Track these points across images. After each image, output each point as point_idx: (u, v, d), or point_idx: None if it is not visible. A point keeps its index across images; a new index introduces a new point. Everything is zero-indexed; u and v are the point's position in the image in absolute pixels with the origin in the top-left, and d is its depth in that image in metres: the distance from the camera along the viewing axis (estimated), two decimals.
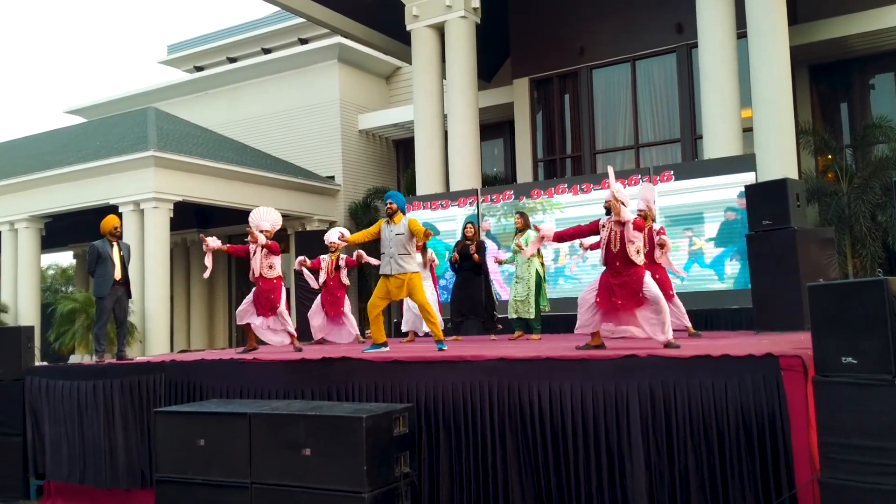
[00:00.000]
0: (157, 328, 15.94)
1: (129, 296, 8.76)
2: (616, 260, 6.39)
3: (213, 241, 8.61)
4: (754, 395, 4.77)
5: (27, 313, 17.67)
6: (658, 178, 10.80)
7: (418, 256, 9.63)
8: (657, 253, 7.83)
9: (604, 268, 6.56)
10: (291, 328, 8.68)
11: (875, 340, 4.13)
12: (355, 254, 10.18)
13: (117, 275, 8.41)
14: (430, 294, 9.96)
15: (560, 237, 7.10)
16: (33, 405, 8.01)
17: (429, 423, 5.90)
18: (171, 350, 17.02)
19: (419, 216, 12.94)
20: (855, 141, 14.58)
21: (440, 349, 7.06)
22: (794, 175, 10.98)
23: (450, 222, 12.72)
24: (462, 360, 5.97)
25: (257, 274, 8.54)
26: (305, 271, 10.22)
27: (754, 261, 8.25)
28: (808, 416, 4.59)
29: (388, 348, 7.39)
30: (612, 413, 5.22)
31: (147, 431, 7.19)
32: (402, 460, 5.61)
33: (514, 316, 9.10)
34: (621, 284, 6.31)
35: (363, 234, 7.92)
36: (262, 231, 8.55)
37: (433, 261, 10.13)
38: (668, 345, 6.02)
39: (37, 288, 18.32)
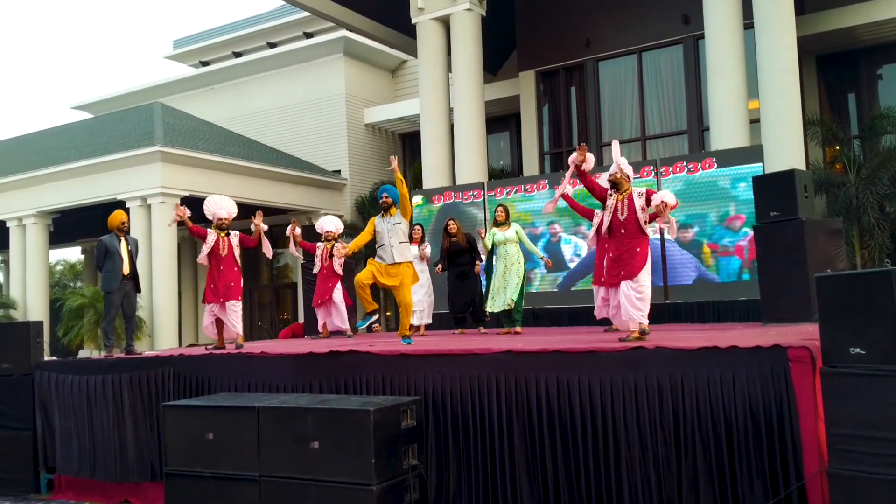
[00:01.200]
0: (165, 322, 16.01)
1: (139, 290, 8.80)
2: (622, 227, 6.39)
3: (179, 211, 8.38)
4: (762, 386, 4.76)
5: (36, 308, 17.76)
6: (700, 164, 10.65)
7: (414, 249, 9.74)
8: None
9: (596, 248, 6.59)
10: (239, 326, 8.44)
11: (883, 331, 4.11)
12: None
13: (125, 269, 8.44)
14: (427, 284, 10.03)
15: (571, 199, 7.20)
16: (43, 400, 8.06)
17: (436, 415, 5.91)
18: (180, 344, 17.09)
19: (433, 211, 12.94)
20: (863, 131, 14.52)
21: (407, 343, 7.17)
22: (801, 166, 10.94)
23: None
24: (470, 353, 5.98)
25: (223, 255, 8.31)
26: (297, 249, 10.35)
27: (762, 252, 8.22)
28: (817, 408, 4.59)
29: (377, 316, 7.54)
30: (620, 405, 5.22)
31: (156, 425, 7.23)
32: (410, 453, 5.63)
33: (497, 310, 8.95)
34: (618, 257, 6.32)
35: (363, 238, 7.83)
36: (219, 219, 8.38)
37: (427, 257, 10.16)
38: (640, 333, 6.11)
39: (45, 283, 18.40)
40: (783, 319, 7.64)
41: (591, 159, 6.92)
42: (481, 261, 9.58)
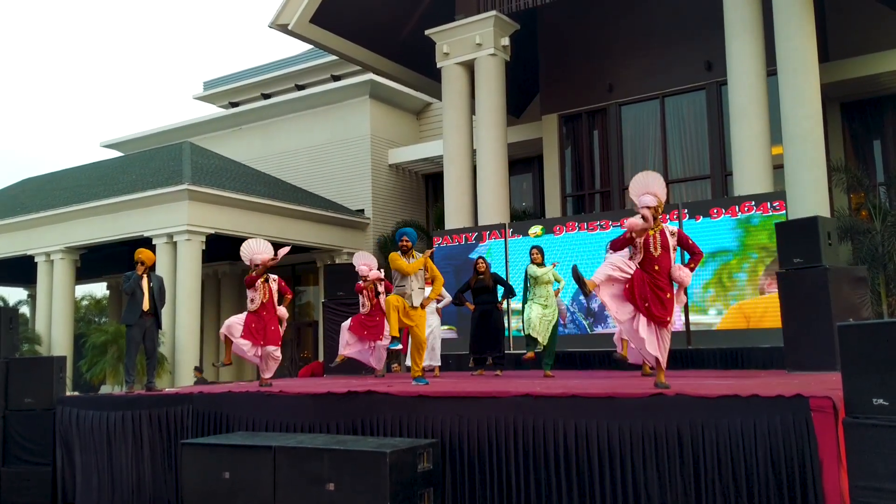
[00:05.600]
0: (186, 359, 16.08)
1: (159, 327, 8.89)
2: (655, 263, 6.12)
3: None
4: (784, 436, 4.70)
5: (60, 343, 17.92)
6: (759, 207, 10.44)
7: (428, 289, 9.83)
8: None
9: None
10: (270, 373, 8.66)
11: None
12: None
13: (145, 305, 8.55)
14: (439, 328, 9.97)
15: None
16: (64, 435, 8.12)
17: (453, 459, 5.87)
18: None
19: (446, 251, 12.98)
20: (888, 178, 14.41)
21: (424, 384, 7.24)
22: (825, 213, 10.85)
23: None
24: (487, 396, 5.96)
25: (265, 301, 8.55)
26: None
27: (785, 299, 8.15)
28: (840, 458, 4.51)
29: (400, 346, 7.82)
30: (639, 452, 5.16)
31: (174, 463, 7.25)
32: (426, 497, 5.59)
33: (536, 334, 8.74)
34: (649, 294, 6.07)
35: (416, 265, 7.96)
36: (255, 265, 8.59)
37: (441, 297, 10.10)
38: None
39: (70, 318, 18.59)
40: (807, 368, 7.55)
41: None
42: (512, 294, 9.64)
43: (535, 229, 12.24)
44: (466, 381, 8.40)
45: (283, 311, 8.89)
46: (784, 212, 10.20)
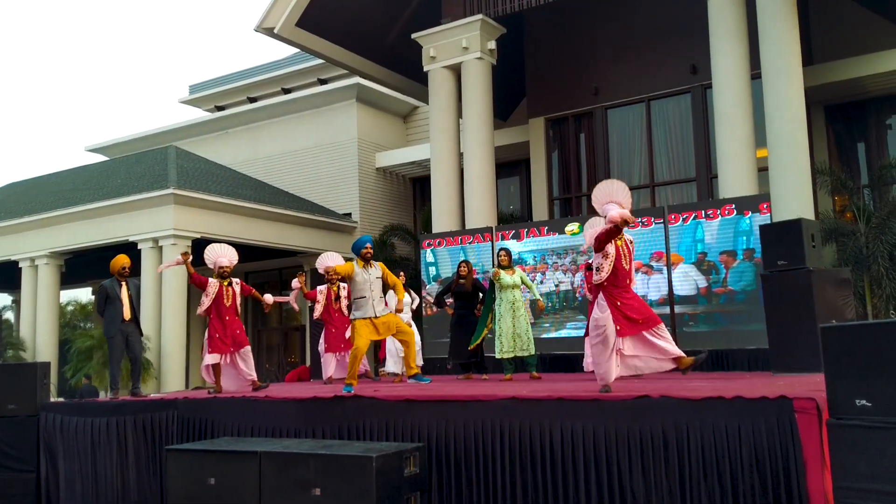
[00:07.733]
0: (173, 364, 16.00)
1: (140, 333, 8.87)
2: (627, 277, 6.06)
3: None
4: (768, 437, 4.72)
5: (45, 349, 17.78)
6: (744, 210, 10.46)
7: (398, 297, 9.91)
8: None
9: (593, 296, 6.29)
10: (252, 372, 8.61)
11: (889, 383, 4.07)
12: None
13: (126, 314, 8.51)
14: (416, 334, 9.99)
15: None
16: (48, 441, 8.06)
17: (440, 462, 5.87)
18: (187, 386, 17.05)
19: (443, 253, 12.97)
20: (872, 181, 14.53)
21: (425, 382, 7.49)
22: (810, 215, 10.93)
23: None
24: (474, 400, 5.95)
25: (228, 304, 8.62)
26: (293, 296, 10.28)
27: (770, 301, 8.19)
28: (824, 459, 4.53)
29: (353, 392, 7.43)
30: (625, 454, 5.18)
31: (159, 469, 7.21)
32: (413, 501, 5.58)
33: (511, 355, 8.77)
34: (632, 307, 6.03)
35: (345, 269, 8.15)
36: (220, 268, 8.70)
37: (414, 299, 10.14)
38: (682, 365, 5.92)
39: (55, 324, 18.44)
40: (792, 369, 7.59)
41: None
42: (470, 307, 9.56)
43: (572, 227, 12.13)
44: (453, 384, 8.39)
45: (268, 297, 9.16)
46: (769, 214, 10.25)
